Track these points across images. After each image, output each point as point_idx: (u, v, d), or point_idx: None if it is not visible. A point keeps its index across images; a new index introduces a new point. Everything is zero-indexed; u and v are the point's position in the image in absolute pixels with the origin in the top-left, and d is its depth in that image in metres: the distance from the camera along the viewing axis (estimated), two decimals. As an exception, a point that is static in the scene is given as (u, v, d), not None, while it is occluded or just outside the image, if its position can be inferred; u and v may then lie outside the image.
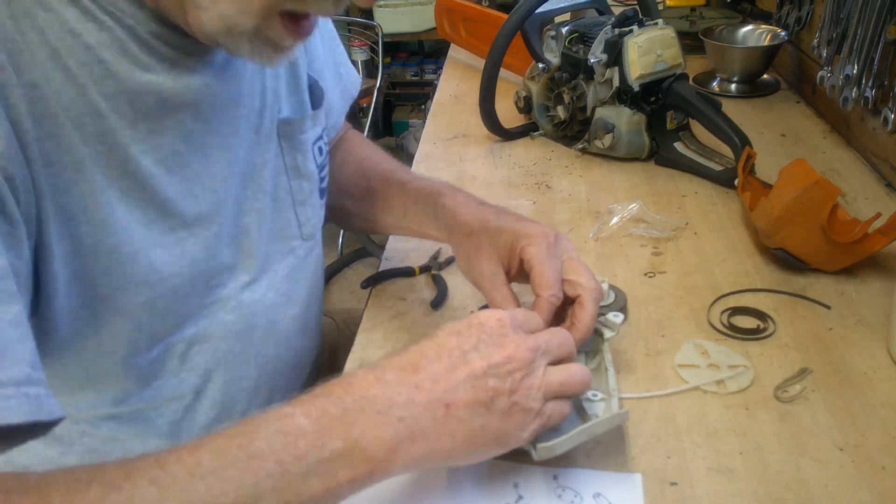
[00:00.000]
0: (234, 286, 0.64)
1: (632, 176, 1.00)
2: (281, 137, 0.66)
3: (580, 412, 0.56)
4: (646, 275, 0.78)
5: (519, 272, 0.62)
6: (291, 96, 0.68)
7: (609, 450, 0.56)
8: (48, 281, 0.50)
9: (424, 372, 0.46)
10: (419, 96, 3.38)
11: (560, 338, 0.52)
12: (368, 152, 0.84)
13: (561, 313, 0.61)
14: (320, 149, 0.72)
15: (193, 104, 0.55)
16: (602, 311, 0.62)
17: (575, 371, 0.51)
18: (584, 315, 0.58)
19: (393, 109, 3.41)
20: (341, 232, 2.57)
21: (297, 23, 0.51)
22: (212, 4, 0.48)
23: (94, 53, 0.49)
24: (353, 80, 0.84)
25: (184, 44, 0.53)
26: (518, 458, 0.53)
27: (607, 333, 0.62)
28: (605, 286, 0.71)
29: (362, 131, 2.66)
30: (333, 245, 2.62)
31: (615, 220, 0.87)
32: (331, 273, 2.49)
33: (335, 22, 3.33)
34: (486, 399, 0.46)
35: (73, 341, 0.55)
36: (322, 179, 0.73)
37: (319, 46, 0.76)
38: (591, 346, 0.63)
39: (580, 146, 1.06)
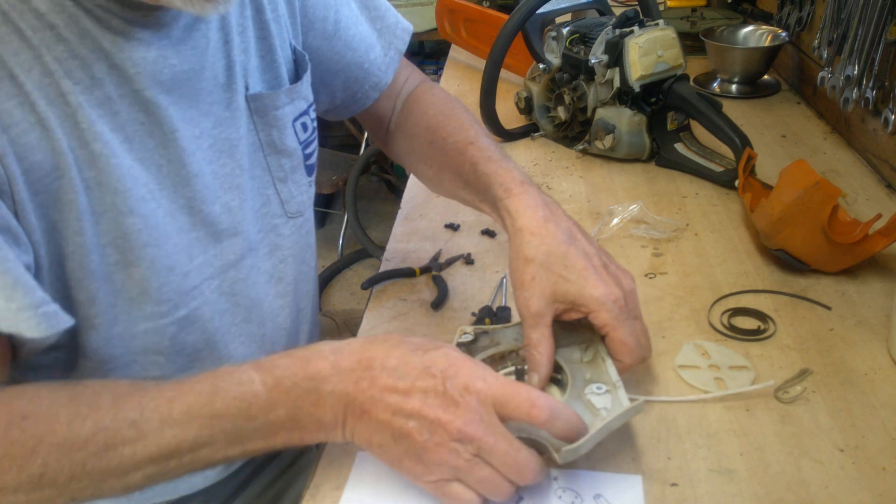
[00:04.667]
0: (217, 265, 0.63)
1: (632, 177, 1.00)
2: (253, 113, 0.65)
3: (589, 407, 0.55)
4: (646, 275, 0.78)
5: (567, 315, 0.59)
6: (265, 72, 0.66)
7: (610, 451, 0.56)
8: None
9: (372, 373, 0.50)
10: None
11: (516, 460, 0.49)
12: (443, 119, 0.74)
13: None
14: (304, 125, 0.70)
15: (150, 76, 0.54)
16: None
17: (497, 485, 0.49)
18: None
19: None
20: (341, 233, 2.57)
21: None
22: None
23: (45, 20, 0.49)
24: (400, 33, 0.80)
25: (134, 16, 0.52)
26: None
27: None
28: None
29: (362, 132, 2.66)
30: (334, 246, 2.62)
31: (616, 220, 0.87)
32: (331, 274, 2.49)
33: None
34: (397, 432, 0.49)
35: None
36: (308, 156, 0.71)
37: (344, 10, 0.74)
38: (584, 338, 0.62)
39: (581, 147, 1.06)
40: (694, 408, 0.60)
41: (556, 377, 0.59)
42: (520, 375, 0.58)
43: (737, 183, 0.89)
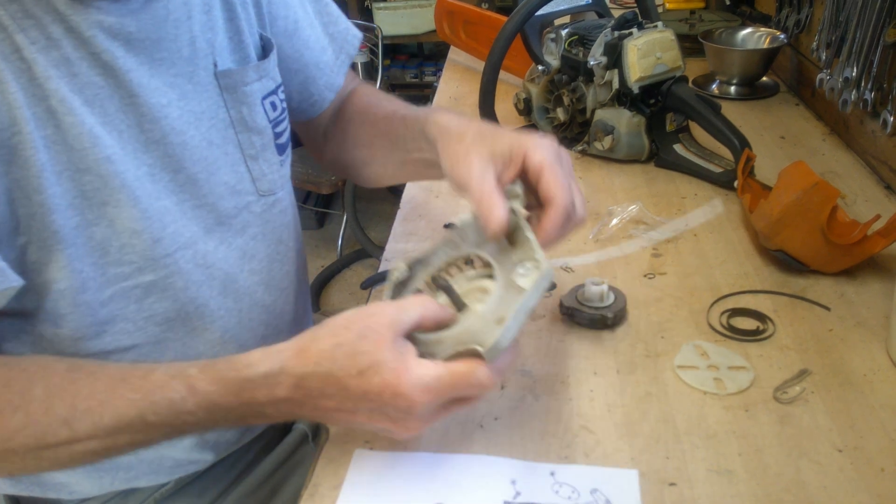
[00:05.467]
0: (188, 235, 0.64)
1: (631, 178, 1.00)
2: (223, 90, 0.66)
3: (514, 289, 0.53)
4: (645, 276, 0.78)
5: (512, 180, 0.60)
6: (234, 51, 0.67)
7: (608, 451, 0.56)
8: None
9: (312, 401, 0.51)
10: (419, 98, 3.37)
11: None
12: (375, 100, 0.83)
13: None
14: (273, 104, 0.71)
15: (108, 38, 0.55)
16: (508, 191, 0.59)
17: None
18: (548, 225, 0.58)
19: None
20: (341, 233, 2.57)
21: None
22: None
23: None
24: (351, 38, 0.83)
25: None
26: (515, 454, 0.53)
27: (516, 204, 0.58)
28: (604, 287, 0.71)
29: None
30: (333, 246, 2.62)
31: (615, 221, 0.87)
32: (330, 274, 2.49)
33: None
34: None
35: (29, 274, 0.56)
36: (278, 135, 0.72)
37: (300, 12, 0.76)
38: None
39: (580, 148, 1.06)
40: (693, 408, 0.60)
41: (487, 274, 0.58)
42: (449, 292, 0.55)
43: (736, 184, 0.89)
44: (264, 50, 0.71)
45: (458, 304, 0.55)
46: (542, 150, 0.59)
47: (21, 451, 0.51)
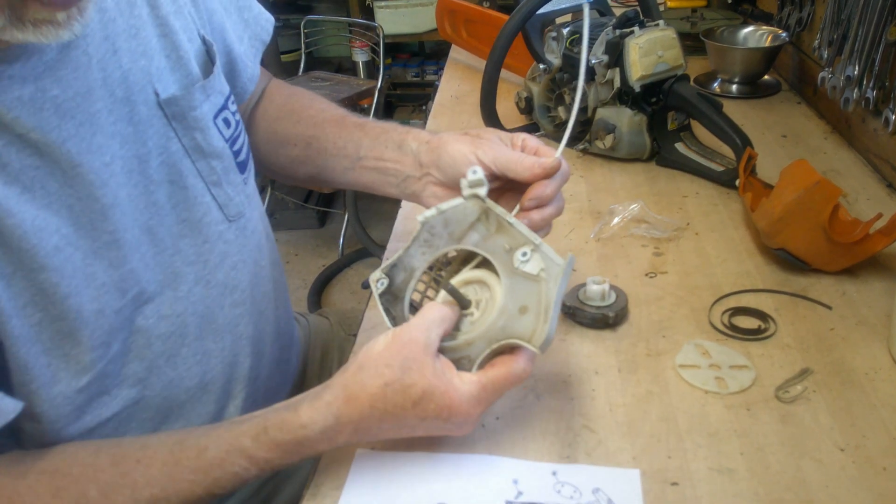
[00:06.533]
0: (151, 292, 0.60)
1: (633, 176, 1.00)
2: (171, 119, 0.60)
3: (527, 277, 0.54)
4: (647, 275, 0.78)
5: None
6: (174, 71, 0.61)
7: (610, 450, 0.57)
8: None
9: (372, 433, 0.53)
10: (420, 97, 3.37)
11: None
12: (307, 101, 0.80)
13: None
14: (226, 121, 0.65)
15: (32, 116, 0.50)
16: (471, 181, 0.58)
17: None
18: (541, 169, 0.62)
19: (394, 110, 3.41)
20: (342, 232, 2.57)
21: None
22: None
23: None
24: (264, 23, 0.77)
25: None
26: (517, 453, 0.53)
27: (481, 190, 0.58)
28: (606, 287, 0.71)
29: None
30: (334, 245, 2.62)
31: (616, 220, 0.87)
32: (331, 273, 2.49)
33: (333, 21, 3.30)
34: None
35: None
36: (237, 153, 0.67)
37: (225, 2, 0.71)
38: (473, 215, 0.58)
39: (581, 147, 1.06)
40: (694, 407, 0.60)
41: (473, 265, 0.59)
42: (455, 294, 0.56)
43: (737, 182, 0.89)
44: (209, 57, 0.65)
45: (464, 303, 0.57)
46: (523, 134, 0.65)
47: None
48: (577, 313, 0.71)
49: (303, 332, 0.91)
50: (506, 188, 0.66)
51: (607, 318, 0.70)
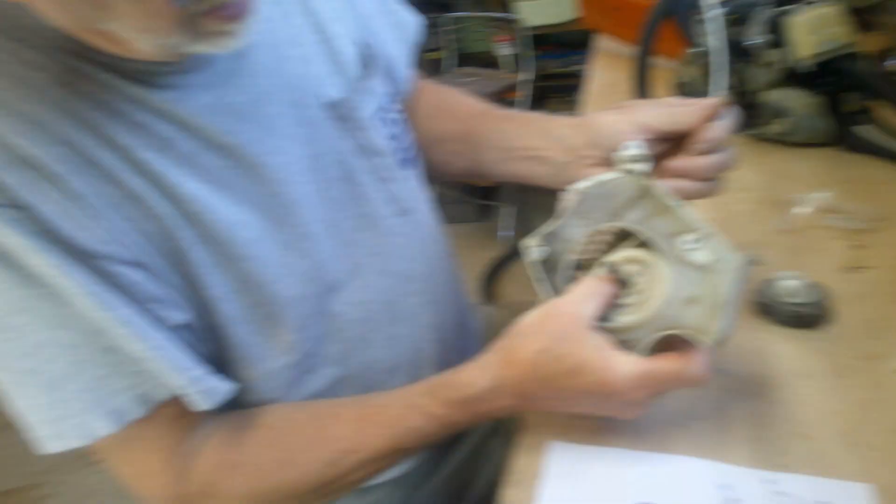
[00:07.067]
0: (340, 281, 0.63)
1: (814, 163, 0.92)
2: (338, 121, 0.63)
3: (688, 266, 0.51)
4: (846, 270, 0.71)
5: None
6: (335, 76, 0.64)
7: (831, 460, 0.52)
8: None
9: (534, 401, 0.55)
10: (567, 88, 3.30)
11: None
12: (456, 98, 0.83)
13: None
14: (389, 120, 0.68)
15: (215, 121, 0.54)
16: (632, 155, 0.56)
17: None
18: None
19: (544, 102, 3.35)
20: (505, 225, 2.51)
21: (224, 8, 0.47)
22: (135, 35, 0.46)
23: (97, 97, 0.50)
24: (414, 25, 0.79)
25: (173, 69, 0.52)
26: (723, 457, 0.50)
27: (639, 166, 0.55)
28: (801, 282, 0.66)
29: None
30: (495, 238, 2.57)
31: (802, 210, 0.81)
32: (498, 266, 2.36)
33: (475, 17, 3.32)
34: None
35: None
36: (403, 150, 0.70)
37: (368, 4, 0.72)
38: (632, 191, 0.55)
39: (754, 132, 0.99)
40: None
41: (633, 244, 0.56)
42: (621, 277, 0.54)
43: (945, 167, 0.80)
44: (368, 60, 0.68)
45: (626, 282, 0.54)
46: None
47: (302, 495, 0.59)
48: (772, 310, 0.66)
49: (480, 322, 0.92)
50: (668, 154, 0.63)
51: (807, 317, 0.65)
